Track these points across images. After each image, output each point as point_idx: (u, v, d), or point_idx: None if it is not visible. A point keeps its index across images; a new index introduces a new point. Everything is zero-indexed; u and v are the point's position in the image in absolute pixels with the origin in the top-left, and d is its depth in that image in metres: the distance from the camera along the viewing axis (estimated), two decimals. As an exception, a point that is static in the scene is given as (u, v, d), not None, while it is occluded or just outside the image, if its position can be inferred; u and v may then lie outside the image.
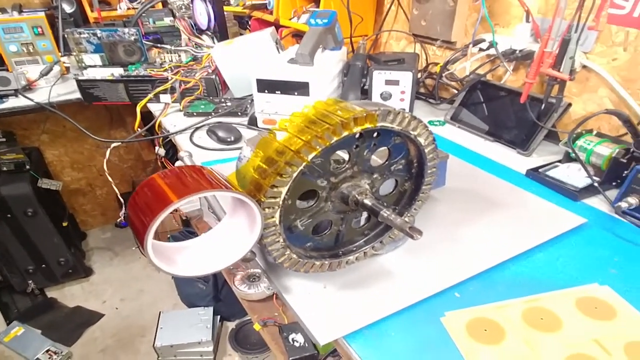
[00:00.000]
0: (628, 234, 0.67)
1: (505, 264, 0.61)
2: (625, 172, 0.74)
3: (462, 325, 0.52)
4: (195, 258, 0.46)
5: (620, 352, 0.50)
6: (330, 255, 0.54)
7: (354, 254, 0.55)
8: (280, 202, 0.43)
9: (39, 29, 1.45)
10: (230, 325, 1.66)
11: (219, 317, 1.64)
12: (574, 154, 0.77)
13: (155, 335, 1.52)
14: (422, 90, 1.23)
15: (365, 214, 0.56)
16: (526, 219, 0.69)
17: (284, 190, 0.43)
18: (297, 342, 1.07)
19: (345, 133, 0.42)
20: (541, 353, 0.50)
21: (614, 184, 0.76)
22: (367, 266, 0.59)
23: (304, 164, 0.42)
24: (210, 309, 1.61)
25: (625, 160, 0.73)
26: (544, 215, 0.70)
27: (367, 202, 0.48)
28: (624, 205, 0.68)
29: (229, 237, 0.48)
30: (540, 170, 0.81)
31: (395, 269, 0.59)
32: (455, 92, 1.12)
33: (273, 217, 0.44)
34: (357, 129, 0.42)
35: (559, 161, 0.84)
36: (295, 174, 0.42)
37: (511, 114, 0.95)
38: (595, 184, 0.73)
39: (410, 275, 0.58)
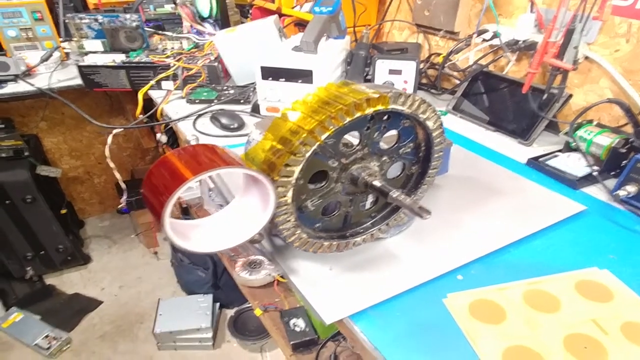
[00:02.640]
0: (626, 221, 0.69)
1: (507, 248, 0.62)
2: (624, 161, 0.75)
3: (464, 306, 0.54)
4: (209, 235, 0.47)
5: (617, 331, 0.51)
6: (338, 236, 0.56)
7: (360, 235, 0.57)
8: (293, 182, 0.44)
9: (39, 14, 1.43)
10: (229, 312, 1.67)
11: (218, 304, 1.66)
12: (574, 144, 0.79)
13: (155, 322, 1.53)
14: (424, 80, 1.23)
15: (372, 197, 0.57)
16: (527, 206, 0.71)
17: (297, 169, 0.44)
18: (298, 327, 1.09)
19: (358, 114, 0.43)
20: (541, 332, 0.51)
21: (612, 173, 0.78)
22: (373, 249, 0.61)
23: (317, 143, 0.42)
24: (210, 296, 1.62)
25: (624, 150, 0.75)
26: (544, 202, 0.72)
27: (377, 183, 0.49)
28: (622, 193, 0.70)
29: (241, 216, 0.49)
30: (540, 159, 0.83)
31: (400, 252, 0.60)
32: (458, 82, 1.13)
33: (285, 196, 0.45)
34: (369, 110, 0.43)
35: (560, 151, 0.85)
36: (308, 154, 0.43)
37: (513, 104, 0.96)
38: (595, 173, 0.74)
39: (414, 258, 0.59)
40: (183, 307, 1.60)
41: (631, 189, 0.69)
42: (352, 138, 0.51)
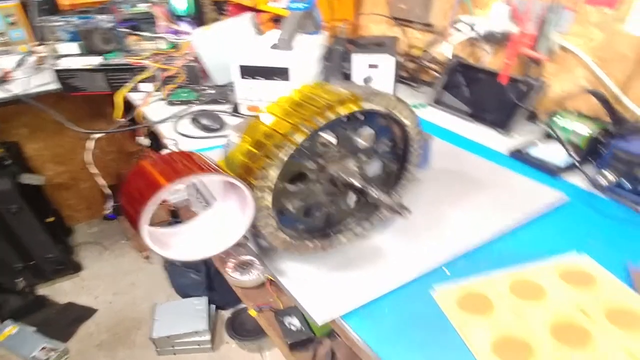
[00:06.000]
0: (606, 208, 0.70)
1: (491, 240, 0.63)
2: (603, 149, 0.76)
3: (452, 299, 0.55)
4: (190, 242, 0.47)
5: (601, 316, 0.52)
6: (322, 236, 0.56)
7: (344, 234, 0.57)
8: (271, 185, 0.44)
9: (12, 18, 1.39)
10: (226, 313, 1.67)
11: (214, 306, 1.65)
12: (553, 134, 0.79)
13: (152, 327, 1.53)
14: (402, 73, 1.23)
15: (354, 195, 0.57)
16: (510, 197, 0.71)
17: (274, 173, 0.44)
18: (294, 325, 1.09)
19: (332, 115, 0.42)
20: (528, 321, 0.52)
21: (592, 161, 0.79)
22: (360, 247, 0.61)
23: (292, 147, 0.42)
24: (205, 299, 1.62)
25: (602, 139, 0.76)
26: (527, 193, 0.72)
27: (356, 183, 0.49)
28: (602, 181, 0.71)
29: (221, 222, 0.49)
30: (521, 149, 0.83)
31: (387, 249, 0.61)
32: (436, 75, 1.13)
33: (265, 200, 0.45)
34: (343, 111, 0.43)
35: (539, 141, 0.86)
36: (284, 157, 0.43)
37: (491, 95, 0.96)
38: (575, 162, 0.75)
39: (401, 254, 0.60)
40: (179, 310, 1.59)
41: (611, 176, 0.70)
42: (331, 137, 0.50)
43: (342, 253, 0.59)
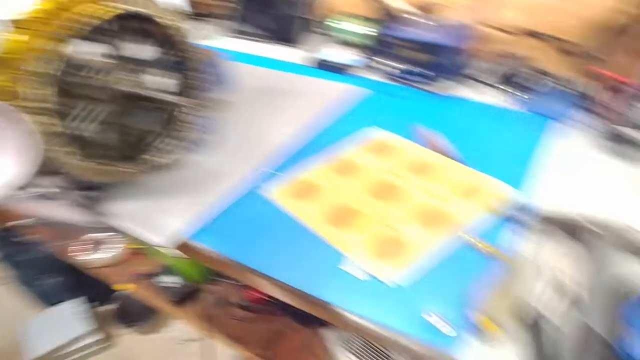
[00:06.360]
0: (399, 92, 0.84)
1: (309, 138, 0.71)
2: (385, 44, 0.87)
3: (285, 194, 0.61)
4: None
5: (406, 171, 0.65)
6: (131, 158, 0.54)
7: (153, 153, 0.56)
8: (51, 107, 0.40)
9: None
10: (113, 305, 1.53)
11: (97, 302, 1.50)
12: (340, 38, 0.89)
13: (27, 349, 1.32)
14: (198, 10, 1.17)
15: (155, 112, 0.55)
16: (318, 100, 0.80)
17: (48, 91, 0.39)
18: (174, 282, 1.06)
19: (93, 21, 0.39)
20: (351, 192, 0.61)
21: (380, 57, 0.89)
22: (191, 172, 0.62)
23: (59, 59, 0.38)
24: (79, 299, 1.45)
25: (382, 37, 0.86)
26: (332, 93, 0.82)
27: (141, 92, 0.48)
28: (393, 71, 0.83)
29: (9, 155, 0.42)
30: (316, 58, 0.91)
31: (218, 168, 0.64)
32: (229, 5, 1.12)
33: (52, 126, 0.41)
34: (102, 15, 0.40)
35: (330, 47, 0.95)
36: (50, 72, 0.39)
37: (281, 13, 1.02)
38: (366, 59, 0.86)
39: (232, 169, 0.63)
40: (52, 321, 1.39)
41: (398, 65, 0.83)
42: (104, 49, 0.46)
43: (172, 179, 0.60)
